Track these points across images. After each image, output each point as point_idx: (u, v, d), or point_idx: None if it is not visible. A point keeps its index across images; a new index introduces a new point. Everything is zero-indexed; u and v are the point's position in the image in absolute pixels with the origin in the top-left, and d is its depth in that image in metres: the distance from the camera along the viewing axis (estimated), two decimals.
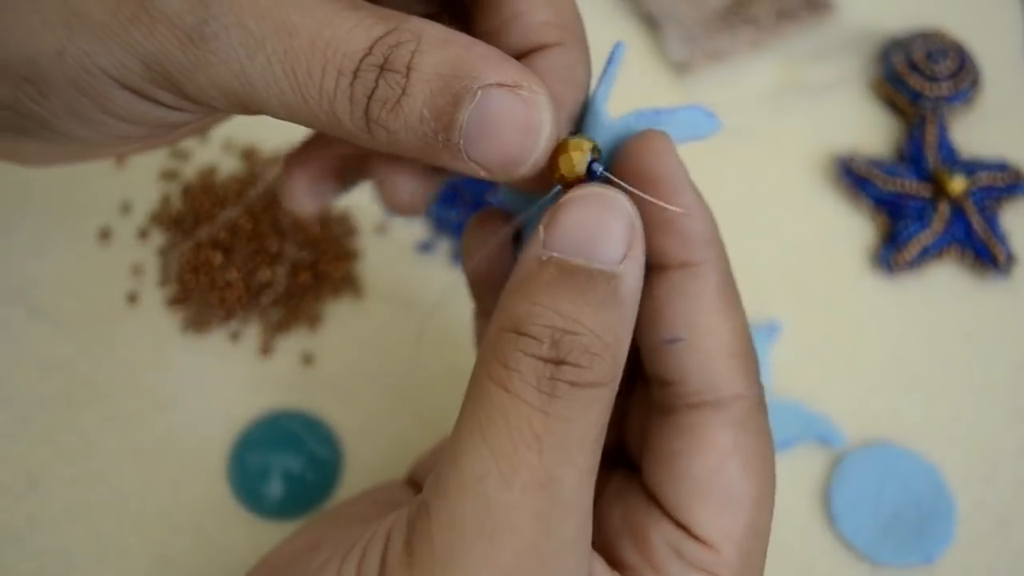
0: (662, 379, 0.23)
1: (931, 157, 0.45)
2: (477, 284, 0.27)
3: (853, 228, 0.45)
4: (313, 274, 0.41)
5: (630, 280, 0.21)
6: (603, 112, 0.23)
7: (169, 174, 0.44)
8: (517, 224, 0.25)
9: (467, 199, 0.43)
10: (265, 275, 0.40)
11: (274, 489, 0.36)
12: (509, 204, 0.26)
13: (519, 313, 0.20)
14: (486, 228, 0.26)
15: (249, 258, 0.41)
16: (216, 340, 0.40)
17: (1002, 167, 0.45)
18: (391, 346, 0.40)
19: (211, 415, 0.38)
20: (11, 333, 0.39)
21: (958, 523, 0.37)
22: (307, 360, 0.40)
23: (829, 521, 0.37)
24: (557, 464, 0.19)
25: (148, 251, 0.42)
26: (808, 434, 0.38)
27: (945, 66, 0.47)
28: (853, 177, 0.45)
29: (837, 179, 0.46)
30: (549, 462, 0.19)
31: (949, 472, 0.38)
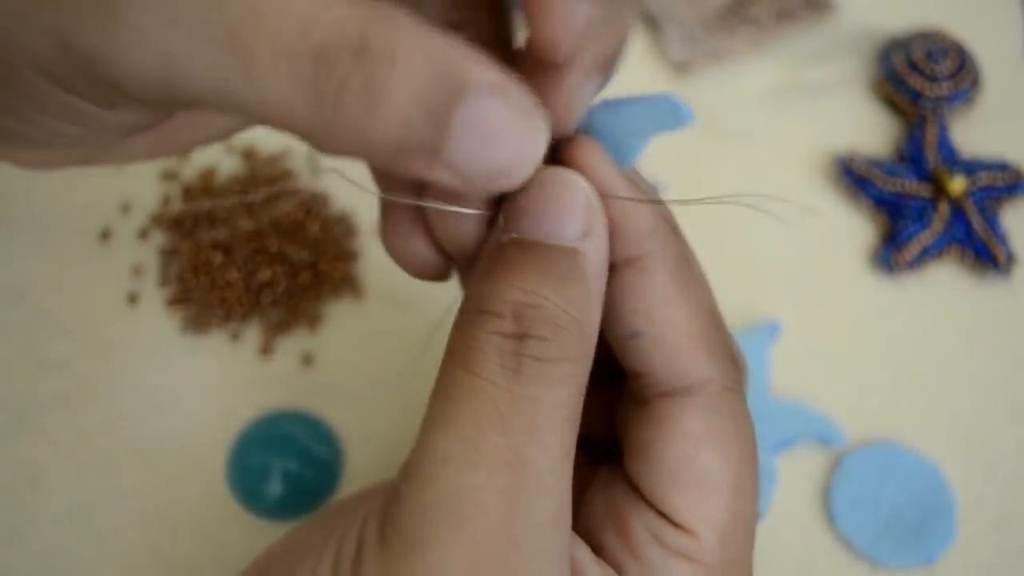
0: (633, 372, 0.23)
1: (931, 157, 0.45)
2: (463, 274, 0.27)
3: (853, 228, 0.45)
4: (313, 274, 0.41)
5: (593, 256, 0.20)
6: None
7: (169, 174, 0.44)
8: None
9: None
10: (265, 275, 0.40)
11: (274, 489, 0.36)
12: None
13: (481, 294, 0.20)
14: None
15: (249, 258, 0.41)
16: (216, 340, 0.40)
17: (1002, 167, 0.45)
18: (391, 346, 0.40)
19: (211, 415, 0.38)
20: (11, 333, 0.39)
21: (958, 522, 0.37)
22: (307, 360, 0.40)
23: (829, 521, 0.37)
24: (524, 445, 0.19)
25: (148, 251, 0.42)
26: (808, 434, 0.38)
27: (945, 66, 0.47)
28: (853, 177, 0.45)
29: (837, 179, 0.46)
30: (515, 443, 0.19)
31: (949, 471, 0.38)
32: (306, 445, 0.37)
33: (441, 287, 0.26)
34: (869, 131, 0.48)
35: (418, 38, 0.17)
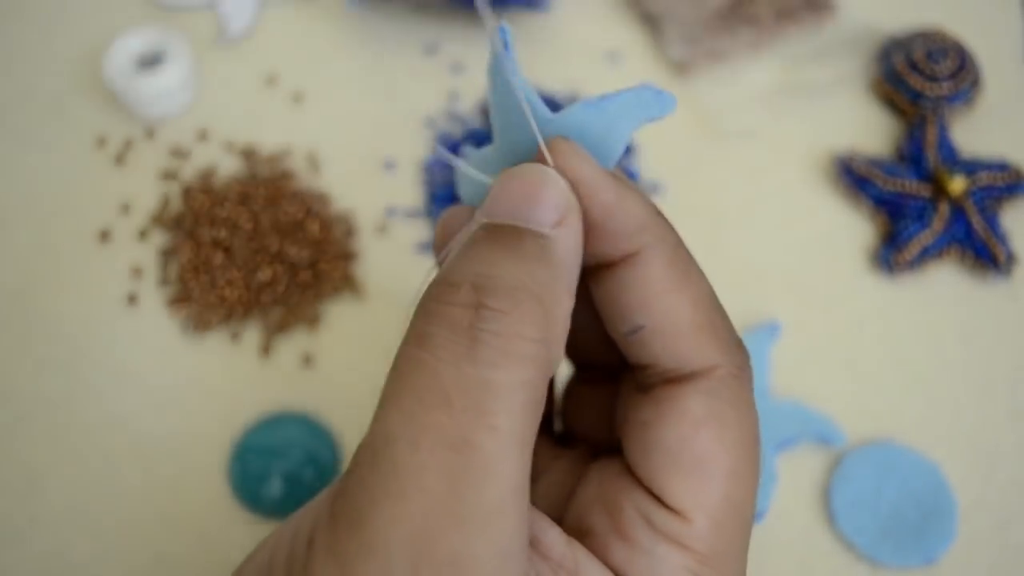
0: (639, 366, 0.23)
1: (931, 157, 0.45)
2: None
3: (853, 228, 0.45)
4: (313, 274, 0.41)
5: (563, 243, 0.20)
6: (537, 103, 0.22)
7: (169, 174, 0.44)
8: None
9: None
10: (265, 275, 0.40)
11: (274, 489, 0.36)
12: (469, 202, 0.26)
13: (443, 270, 0.20)
14: (456, 221, 0.25)
15: (249, 258, 0.41)
16: (216, 340, 0.40)
17: (1002, 167, 0.45)
18: (391, 346, 0.40)
19: (211, 415, 0.38)
20: (11, 333, 0.40)
21: (958, 522, 0.37)
22: (307, 360, 0.40)
23: (829, 521, 0.37)
24: (471, 427, 0.18)
25: (148, 251, 0.42)
26: (808, 434, 0.38)
27: (945, 66, 0.47)
28: (853, 177, 0.45)
29: (837, 179, 0.46)
30: (461, 423, 0.18)
31: (949, 471, 0.38)
32: (306, 445, 0.37)
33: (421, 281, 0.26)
34: (869, 131, 0.48)
35: None
